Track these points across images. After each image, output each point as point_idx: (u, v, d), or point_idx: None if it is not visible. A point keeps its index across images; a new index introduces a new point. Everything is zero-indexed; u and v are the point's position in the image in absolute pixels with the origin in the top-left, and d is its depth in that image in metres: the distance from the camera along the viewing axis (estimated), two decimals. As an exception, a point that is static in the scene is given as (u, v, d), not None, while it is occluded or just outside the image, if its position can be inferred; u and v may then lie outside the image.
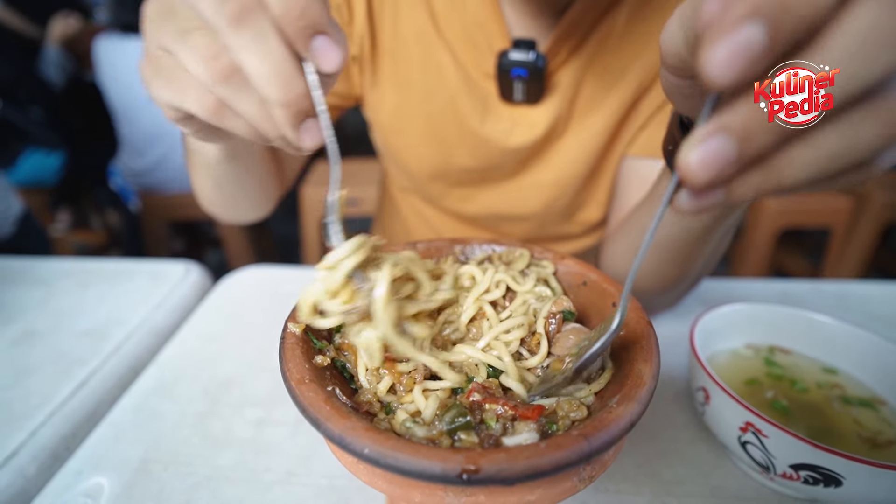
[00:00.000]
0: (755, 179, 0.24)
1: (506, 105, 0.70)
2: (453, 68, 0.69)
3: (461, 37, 0.68)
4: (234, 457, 0.50)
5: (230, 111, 0.30)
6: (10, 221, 1.32)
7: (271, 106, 0.28)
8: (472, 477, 0.25)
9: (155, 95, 0.32)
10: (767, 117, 0.22)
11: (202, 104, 0.30)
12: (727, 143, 0.22)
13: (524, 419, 0.31)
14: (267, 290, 0.78)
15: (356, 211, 2.00)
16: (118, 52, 1.96)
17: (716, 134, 0.22)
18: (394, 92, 0.73)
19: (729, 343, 0.56)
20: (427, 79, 0.71)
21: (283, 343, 0.34)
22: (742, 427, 0.42)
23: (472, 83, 0.70)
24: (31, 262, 0.85)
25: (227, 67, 0.28)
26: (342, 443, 0.27)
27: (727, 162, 0.23)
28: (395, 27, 0.70)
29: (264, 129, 0.30)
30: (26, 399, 0.56)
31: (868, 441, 0.44)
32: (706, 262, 0.60)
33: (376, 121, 0.77)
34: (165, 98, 0.31)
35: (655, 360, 0.32)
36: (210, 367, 0.62)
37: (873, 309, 0.73)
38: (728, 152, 0.22)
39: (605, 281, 0.42)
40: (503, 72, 0.65)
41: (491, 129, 0.71)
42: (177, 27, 0.29)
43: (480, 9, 0.65)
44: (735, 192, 0.25)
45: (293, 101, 0.28)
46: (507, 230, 0.83)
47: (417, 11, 0.68)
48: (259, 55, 0.27)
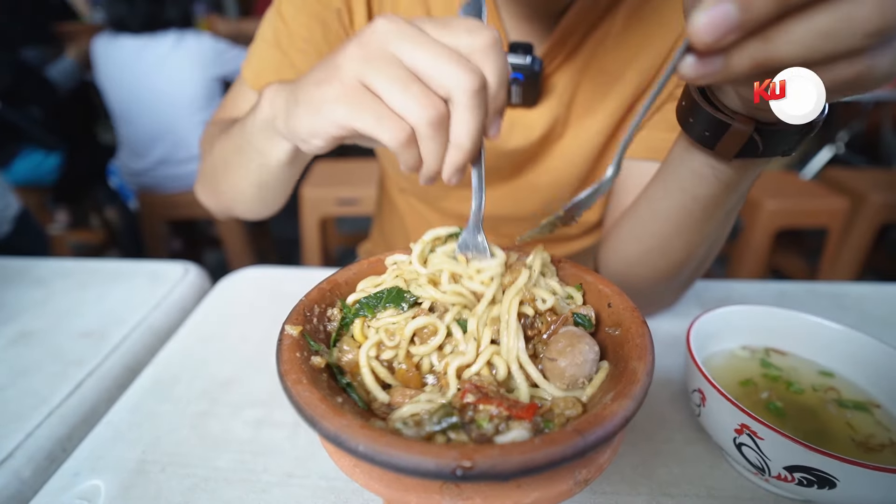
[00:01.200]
0: (751, 48, 0.27)
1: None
2: None
3: None
4: (232, 458, 0.50)
5: (415, 144, 0.37)
6: (8, 220, 1.32)
7: (458, 151, 0.37)
8: (467, 472, 0.25)
9: (336, 116, 0.38)
10: None
11: (397, 136, 0.36)
12: (731, 8, 0.25)
13: (519, 419, 0.31)
14: (266, 291, 0.78)
15: (355, 210, 2.00)
16: (115, 51, 1.96)
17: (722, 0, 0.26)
18: None
19: (725, 344, 0.56)
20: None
21: (280, 344, 0.35)
22: (737, 429, 0.42)
23: None
24: (29, 262, 0.85)
25: (440, 114, 0.36)
26: (337, 440, 0.27)
27: (730, 25, 0.26)
28: None
29: (432, 164, 0.38)
30: (23, 400, 0.56)
31: (861, 445, 0.44)
32: (707, 249, 0.60)
33: None
34: (351, 122, 0.37)
35: (649, 358, 0.33)
36: (209, 368, 0.62)
37: (869, 310, 0.73)
38: (731, 16, 0.26)
39: (601, 282, 0.42)
40: None
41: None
42: (390, 74, 0.36)
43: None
44: (733, 61, 0.28)
45: (473, 152, 0.37)
46: (505, 231, 0.83)
47: (414, 10, 0.69)
48: (472, 117, 0.36)
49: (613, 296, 0.40)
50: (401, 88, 0.35)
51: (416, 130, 0.36)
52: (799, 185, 2.26)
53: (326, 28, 0.70)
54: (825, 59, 0.27)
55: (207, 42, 2.01)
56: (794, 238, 2.70)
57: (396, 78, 0.36)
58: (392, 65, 0.36)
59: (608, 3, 0.65)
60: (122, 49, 1.95)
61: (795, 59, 0.27)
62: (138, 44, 1.94)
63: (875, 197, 2.09)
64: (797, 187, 2.21)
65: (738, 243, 2.22)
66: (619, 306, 0.39)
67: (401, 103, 0.36)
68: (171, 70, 1.96)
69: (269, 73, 0.71)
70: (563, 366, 0.34)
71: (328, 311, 0.40)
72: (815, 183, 2.31)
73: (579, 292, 0.42)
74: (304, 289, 0.41)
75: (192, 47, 1.97)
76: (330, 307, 0.41)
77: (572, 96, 0.69)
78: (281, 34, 0.70)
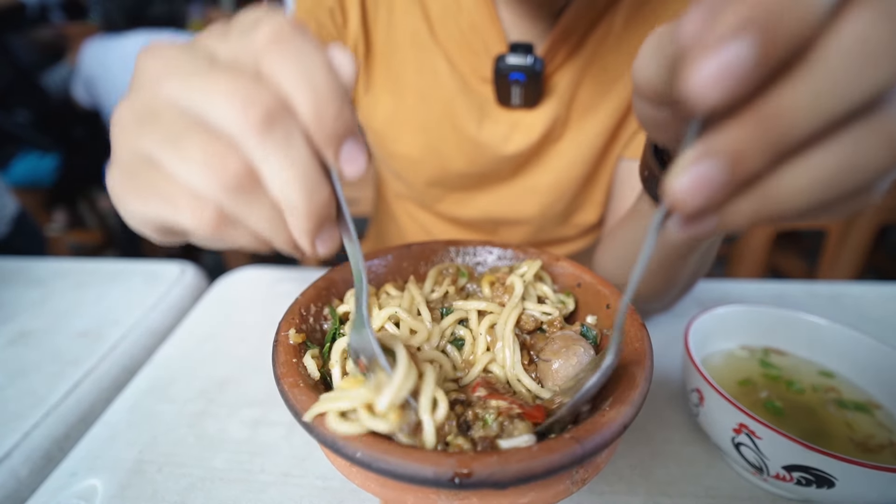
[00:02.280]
0: (749, 206, 0.22)
1: (503, 109, 0.70)
2: (449, 73, 0.69)
3: (457, 41, 0.68)
4: (229, 457, 0.50)
5: (234, 222, 0.26)
6: (6, 221, 1.32)
7: (291, 214, 0.26)
8: (465, 481, 0.25)
9: (132, 211, 0.27)
10: (759, 137, 0.21)
11: (200, 217, 0.25)
12: (717, 166, 0.21)
13: (531, 418, 0.30)
14: (262, 291, 0.78)
15: (352, 210, 1.99)
16: (108, 52, 1.96)
17: (704, 158, 0.21)
18: (388, 97, 0.73)
19: (724, 344, 0.56)
20: (422, 84, 0.70)
21: (276, 346, 0.34)
22: (735, 428, 0.42)
23: (468, 88, 0.70)
24: (27, 263, 0.85)
25: (237, 174, 0.24)
26: (335, 447, 0.27)
27: (718, 187, 0.21)
28: (389, 31, 0.70)
29: (275, 238, 0.27)
30: (20, 399, 0.56)
31: (860, 445, 0.44)
32: (694, 271, 0.60)
33: (370, 127, 0.76)
34: (148, 214, 0.26)
35: (648, 363, 0.32)
36: (206, 368, 0.62)
37: (867, 310, 0.73)
38: (718, 176, 0.21)
39: (600, 283, 0.42)
40: (500, 76, 0.65)
41: (488, 133, 0.71)
42: (164, 133, 0.25)
43: (476, 12, 0.65)
44: (727, 220, 0.23)
45: (316, 210, 0.26)
46: (504, 234, 0.83)
47: (412, 15, 0.68)
48: (285, 161, 0.24)
49: (612, 297, 0.40)
50: (176, 151, 0.25)
51: (219, 205, 0.25)
52: (798, 185, 2.26)
53: (321, 26, 0.70)
54: (833, 202, 0.22)
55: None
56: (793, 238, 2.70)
57: (168, 138, 0.25)
58: (162, 122, 0.25)
59: (608, 2, 0.65)
60: (114, 50, 1.95)
61: (802, 210, 0.22)
62: (129, 42, 1.94)
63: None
64: (796, 187, 2.21)
65: (738, 245, 2.22)
66: (616, 308, 0.39)
67: (183, 172, 0.25)
68: None
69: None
70: (555, 367, 0.34)
71: (324, 310, 0.40)
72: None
73: (570, 298, 0.42)
74: (300, 288, 0.41)
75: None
76: (326, 305, 0.41)
77: (573, 96, 0.69)
78: None
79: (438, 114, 0.71)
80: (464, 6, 0.66)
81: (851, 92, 0.19)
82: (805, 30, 0.19)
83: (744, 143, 0.21)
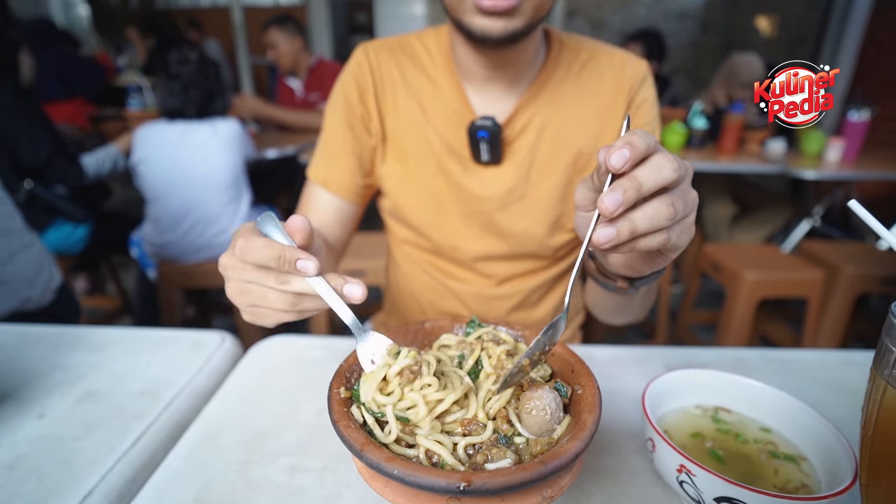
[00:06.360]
0: (626, 224, 0.45)
1: (476, 165, 0.96)
2: (439, 142, 0.96)
3: (442, 119, 0.95)
4: (271, 498, 0.61)
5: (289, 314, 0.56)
6: (52, 290, 1.46)
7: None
8: (466, 489, 0.37)
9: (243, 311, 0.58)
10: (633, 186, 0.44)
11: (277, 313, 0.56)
12: (618, 193, 0.44)
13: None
14: (292, 357, 0.91)
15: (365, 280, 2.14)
16: (162, 136, 2.19)
17: (613, 189, 0.44)
18: (397, 164, 0.99)
19: (681, 403, 0.68)
20: (420, 151, 0.97)
21: (330, 400, 0.47)
22: (678, 468, 0.53)
23: (452, 151, 0.96)
24: (85, 330, 0.98)
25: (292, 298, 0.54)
26: (378, 467, 0.39)
27: (618, 203, 0.43)
28: (395, 116, 0.97)
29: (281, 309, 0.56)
30: (95, 448, 0.68)
31: (780, 487, 0.55)
32: (638, 310, 0.94)
33: (386, 188, 1.02)
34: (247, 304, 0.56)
35: (597, 412, 0.45)
36: (247, 422, 0.73)
37: (814, 374, 0.85)
38: (619, 198, 0.43)
39: (566, 353, 0.55)
40: (472, 135, 0.91)
41: (469, 181, 0.96)
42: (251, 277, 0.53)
43: (453, 99, 0.95)
44: (619, 226, 0.45)
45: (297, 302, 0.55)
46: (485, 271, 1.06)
47: (410, 104, 0.96)
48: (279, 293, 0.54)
49: (575, 363, 0.53)
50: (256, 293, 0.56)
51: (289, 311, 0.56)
52: (778, 257, 2.42)
53: (354, 131, 0.98)
54: (654, 230, 0.46)
55: (236, 127, 2.27)
56: (780, 307, 2.82)
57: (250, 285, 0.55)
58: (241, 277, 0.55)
59: (560, 77, 0.92)
60: (165, 135, 2.18)
61: (645, 229, 0.46)
62: (180, 129, 2.18)
63: (848, 269, 2.24)
64: (776, 259, 2.37)
65: (724, 312, 2.34)
66: (579, 372, 0.52)
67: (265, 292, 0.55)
68: (210, 153, 2.20)
69: (323, 171, 0.99)
70: (533, 415, 0.46)
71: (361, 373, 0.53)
72: (794, 255, 2.47)
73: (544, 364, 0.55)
74: (323, 355, 0.56)
75: (227, 132, 2.23)
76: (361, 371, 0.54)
77: (532, 160, 0.95)
78: (328, 140, 0.99)
79: (433, 171, 0.98)
80: (446, 96, 0.95)
81: (658, 179, 0.45)
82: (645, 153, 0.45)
83: (627, 187, 0.44)
